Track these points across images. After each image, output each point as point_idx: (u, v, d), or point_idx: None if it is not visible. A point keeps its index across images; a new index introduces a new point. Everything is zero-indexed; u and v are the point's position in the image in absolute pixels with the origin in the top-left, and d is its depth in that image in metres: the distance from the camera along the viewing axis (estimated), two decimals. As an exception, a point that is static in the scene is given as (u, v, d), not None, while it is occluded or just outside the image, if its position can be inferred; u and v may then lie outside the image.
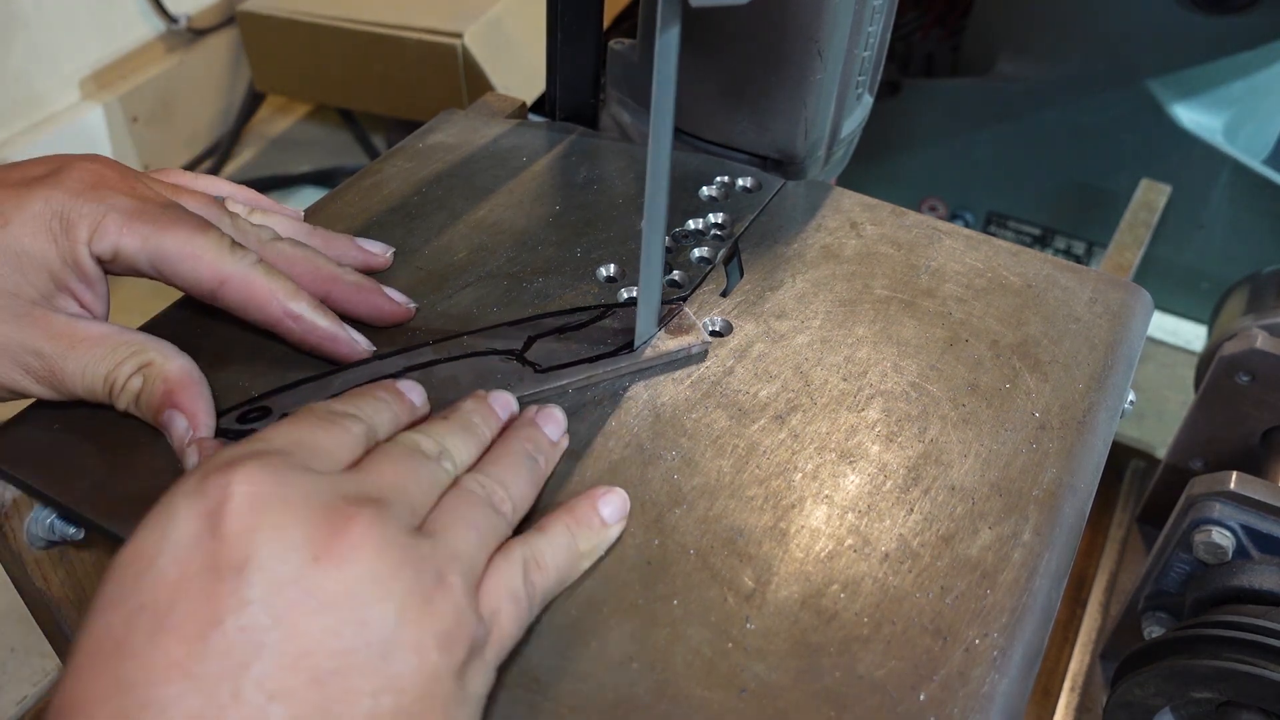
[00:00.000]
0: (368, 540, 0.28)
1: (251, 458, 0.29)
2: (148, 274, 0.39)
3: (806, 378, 0.43)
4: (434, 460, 0.33)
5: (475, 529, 0.32)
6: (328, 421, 0.32)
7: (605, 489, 0.37)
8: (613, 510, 0.36)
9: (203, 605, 0.26)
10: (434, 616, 0.28)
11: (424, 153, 0.56)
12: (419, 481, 0.32)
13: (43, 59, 1.16)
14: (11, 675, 0.76)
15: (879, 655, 0.33)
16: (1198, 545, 0.55)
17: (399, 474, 0.31)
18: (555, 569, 0.33)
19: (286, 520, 0.27)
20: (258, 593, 0.26)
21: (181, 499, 0.28)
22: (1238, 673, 0.48)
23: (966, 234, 0.52)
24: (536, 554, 0.33)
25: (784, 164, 0.55)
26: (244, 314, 0.40)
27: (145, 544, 0.27)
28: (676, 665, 0.33)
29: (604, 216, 0.52)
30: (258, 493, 0.27)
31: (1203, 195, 1.10)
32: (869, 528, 0.37)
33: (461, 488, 0.33)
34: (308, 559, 0.27)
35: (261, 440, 0.30)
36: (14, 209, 0.37)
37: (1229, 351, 0.65)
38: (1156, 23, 1.02)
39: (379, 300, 0.43)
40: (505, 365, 0.43)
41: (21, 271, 0.37)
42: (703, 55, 0.53)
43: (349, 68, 1.25)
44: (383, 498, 0.29)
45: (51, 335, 0.37)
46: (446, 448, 0.34)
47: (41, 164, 0.39)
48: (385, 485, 0.30)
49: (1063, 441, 0.41)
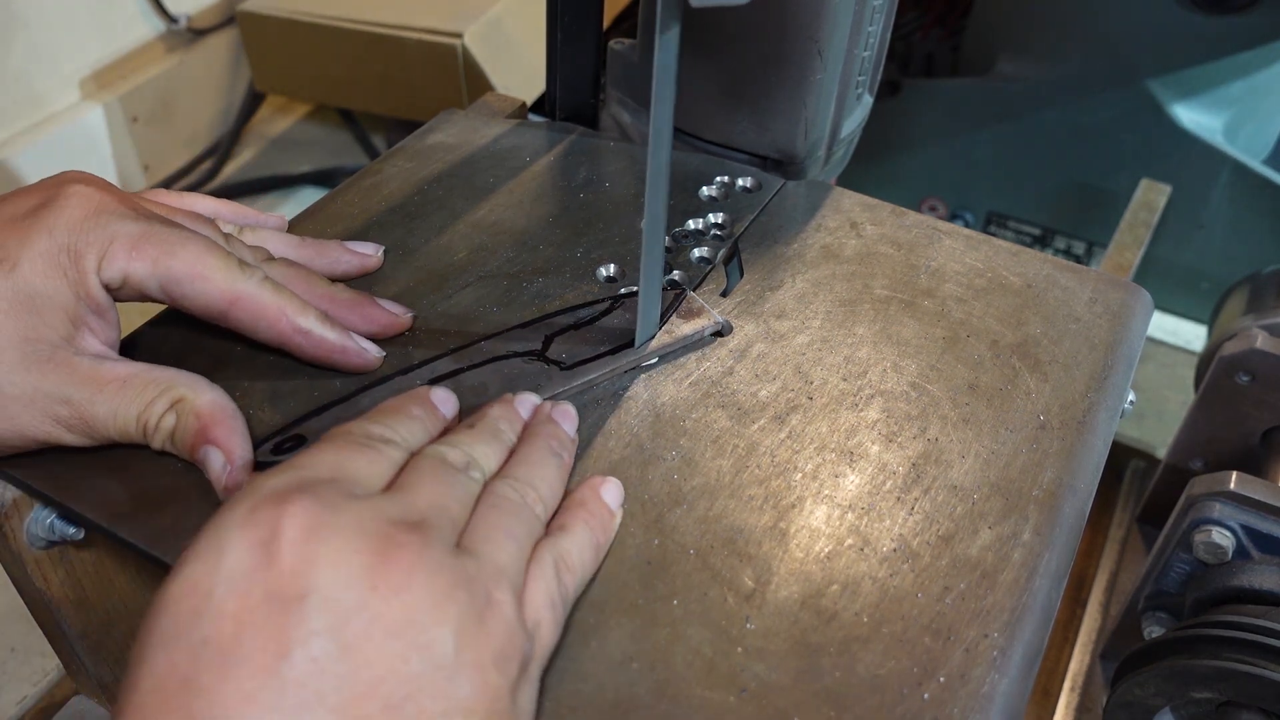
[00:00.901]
0: (420, 565, 0.28)
1: (300, 489, 0.29)
2: (155, 298, 0.38)
3: (806, 377, 0.43)
4: (463, 471, 0.33)
5: (514, 539, 0.32)
6: (364, 447, 0.32)
7: (600, 478, 0.37)
8: (615, 498, 0.37)
9: (269, 638, 0.26)
10: (489, 636, 0.28)
11: (424, 153, 0.56)
12: (455, 496, 0.32)
13: (43, 59, 1.16)
14: (11, 675, 0.76)
15: (879, 655, 0.33)
16: (1198, 545, 0.54)
17: (436, 492, 0.31)
18: (581, 567, 0.34)
19: (341, 549, 0.27)
20: (323, 623, 0.26)
21: (233, 530, 0.28)
22: (1238, 673, 0.48)
23: (966, 234, 0.52)
24: (564, 555, 0.33)
25: (784, 164, 0.55)
26: (253, 332, 0.40)
27: (197, 575, 0.27)
28: (676, 665, 0.33)
29: (604, 216, 0.52)
30: (311, 523, 0.28)
31: (1203, 195, 1.10)
32: (869, 528, 0.37)
33: (495, 494, 0.33)
34: (366, 587, 0.27)
35: (304, 468, 0.30)
36: (18, 248, 0.36)
37: (1229, 351, 0.65)
38: (1156, 23, 1.02)
39: (375, 313, 0.43)
40: (529, 366, 0.43)
41: (38, 314, 0.36)
42: (703, 55, 0.53)
43: (349, 68, 1.25)
44: (424, 520, 0.30)
45: (78, 380, 0.36)
46: (474, 457, 0.34)
47: (30, 194, 0.38)
48: (425, 506, 0.30)
49: (1063, 441, 0.41)
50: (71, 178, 0.39)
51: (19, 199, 0.38)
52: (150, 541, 0.35)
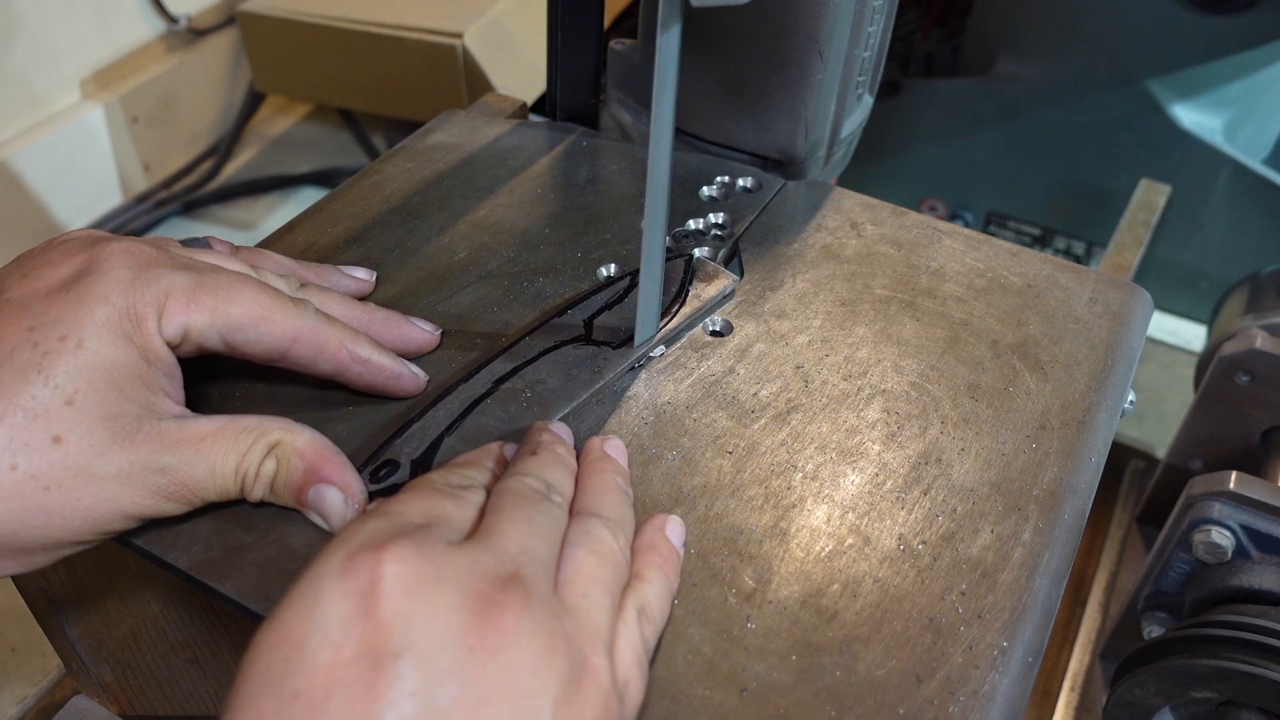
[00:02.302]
0: (521, 627, 0.27)
1: (397, 535, 0.28)
2: (215, 349, 0.36)
3: (807, 377, 0.43)
4: (545, 499, 0.32)
5: (609, 593, 0.31)
6: (448, 494, 0.32)
7: (664, 517, 0.36)
8: (679, 538, 0.36)
9: (361, 697, 0.25)
10: (585, 703, 0.27)
11: (424, 153, 0.56)
12: (543, 533, 0.31)
13: (43, 59, 1.16)
14: (12, 675, 0.76)
15: (879, 655, 0.33)
16: (1197, 545, 0.55)
17: (524, 533, 0.30)
18: (660, 616, 0.33)
19: (440, 605, 0.27)
20: (417, 684, 0.25)
21: (330, 578, 0.27)
22: (1238, 673, 0.48)
23: (966, 234, 0.52)
24: (646, 605, 0.32)
25: (784, 164, 0.55)
26: (312, 367, 0.38)
27: (292, 624, 0.26)
28: (677, 665, 0.33)
29: (604, 216, 0.52)
30: (410, 573, 0.27)
31: (1203, 195, 1.10)
32: (869, 527, 0.37)
33: (591, 536, 0.32)
34: (464, 650, 0.26)
35: (396, 514, 0.29)
36: (76, 323, 0.33)
37: (1229, 351, 0.65)
38: (1156, 23, 1.02)
39: (410, 331, 0.42)
40: (581, 352, 0.43)
41: (117, 389, 0.34)
42: (703, 55, 0.53)
43: (349, 68, 1.25)
44: (520, 571, 0.29)
45: (170, 446, 0.34)
46: (550, 482, 0.33)
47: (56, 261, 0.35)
48: (516, 551, 0.29)
49: (1063, 441, 0.41)
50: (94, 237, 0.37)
51: (46, 269, 0.35)
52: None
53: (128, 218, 1.26)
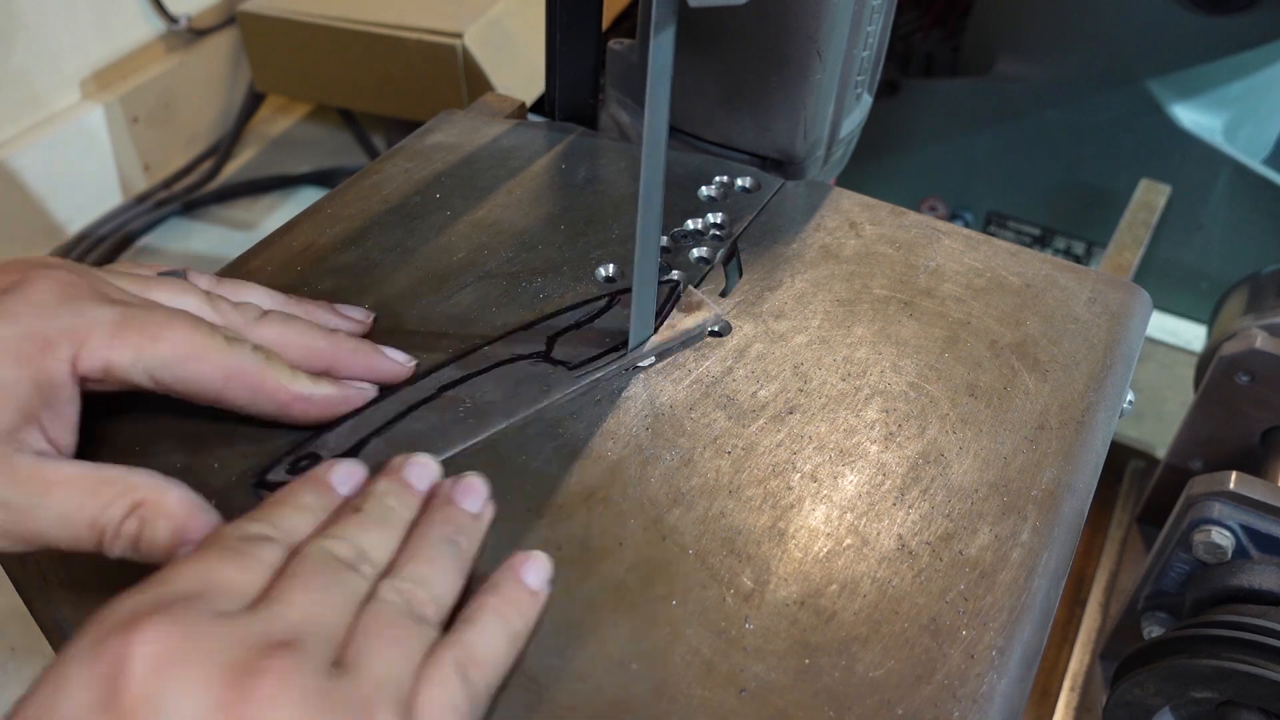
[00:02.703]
0: (283, 694, 0.25)
1: (154, 610, 0.26)
2: (142, 386, 0.35)
3: (805, 378, 0.43)
4: (351, 569, 0.30)
5: (399, 644, 0.29)
6: (237, 552, 0.29)
7: (523, 555, 0.34)
8: (537, 576, 0.33)
9: None
10: None
11: (424, 153, 0.56)
12: (333, 604, 0.29)
13: (43, 59, 1.16)
14: (12, 675, 0.76)
15: (878, 655, 0.33)
16: (1197, 545, 0.55)
17: (312, 601, 0.28)
18: (494, 660, 0.30)
19: (191, 682, 0.25)
20: None
21: (74, 665, 0.25)
22: (1237, 673, 0.48)
23: (966, 234, 0.52)
24: (470, 652, 0.30)
25: (783, 164, 0.55)
26: (252, 407, 0.37)
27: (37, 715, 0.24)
28: (675, 665, 0.33)
29: (604, 216, 0.52)
30: (160, 651, 0.25)
31: (1202, 195, 1.10)
32: (868, 527, 0.37)
33: (379, 599, 0.30)
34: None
35: (165, 583, 0.27)
36: None
37: (1228, 351, 0.65)
38: (1156, 23, 1.02)
39: (380, 363, 0.41)
40: (535, 369, 0.42)
41: None
42: (702, 55, 0.53)
43: (349, 68, 1.25)
44: (295, 638, 0.27)
45: (17, 481, 0.31)
46: (363, 549, 0.31)
47: None
48: (298, 619, 0.27)
49: (1062, 441, 0.41)
50: (36, 261, 0.35)
51: None
52: None
53: (128, 218, 1.26)
